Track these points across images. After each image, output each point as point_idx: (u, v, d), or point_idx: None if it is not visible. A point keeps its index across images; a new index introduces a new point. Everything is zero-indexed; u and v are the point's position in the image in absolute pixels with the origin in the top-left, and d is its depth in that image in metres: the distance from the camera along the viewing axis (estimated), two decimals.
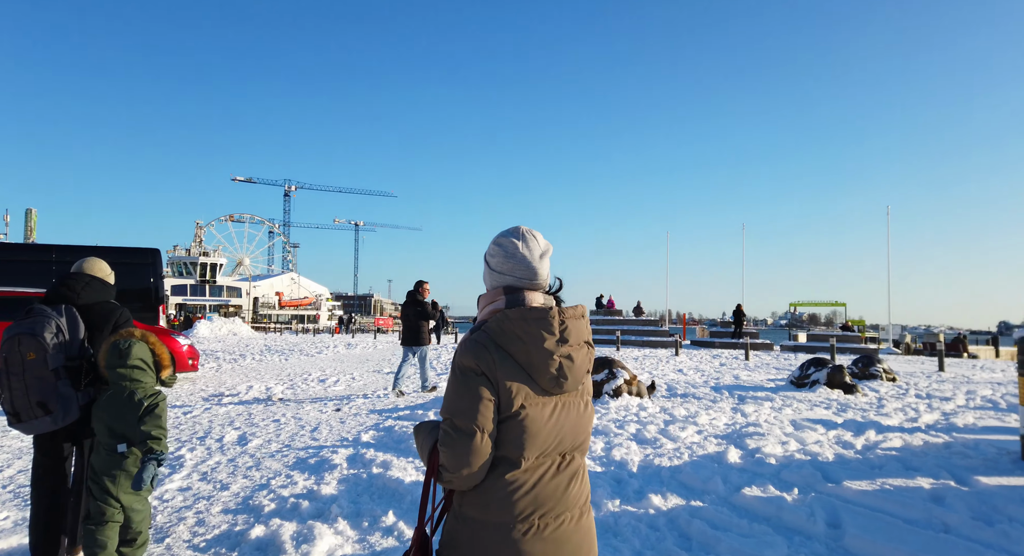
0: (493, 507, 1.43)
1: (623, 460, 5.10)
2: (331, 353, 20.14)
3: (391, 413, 7.83)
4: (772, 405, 8.10)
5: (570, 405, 1.51)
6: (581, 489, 1.53)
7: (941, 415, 7.59)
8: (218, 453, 5.66)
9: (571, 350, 1.47)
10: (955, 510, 3.73)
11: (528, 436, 1.42)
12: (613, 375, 8.11)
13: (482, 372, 1.42)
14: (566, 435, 1.49)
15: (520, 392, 1.43)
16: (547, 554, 1.43)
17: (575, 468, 1.52)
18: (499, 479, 1.43)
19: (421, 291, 9.90)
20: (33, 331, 2.84)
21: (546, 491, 1.45)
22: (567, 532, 1.46)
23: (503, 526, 1.42)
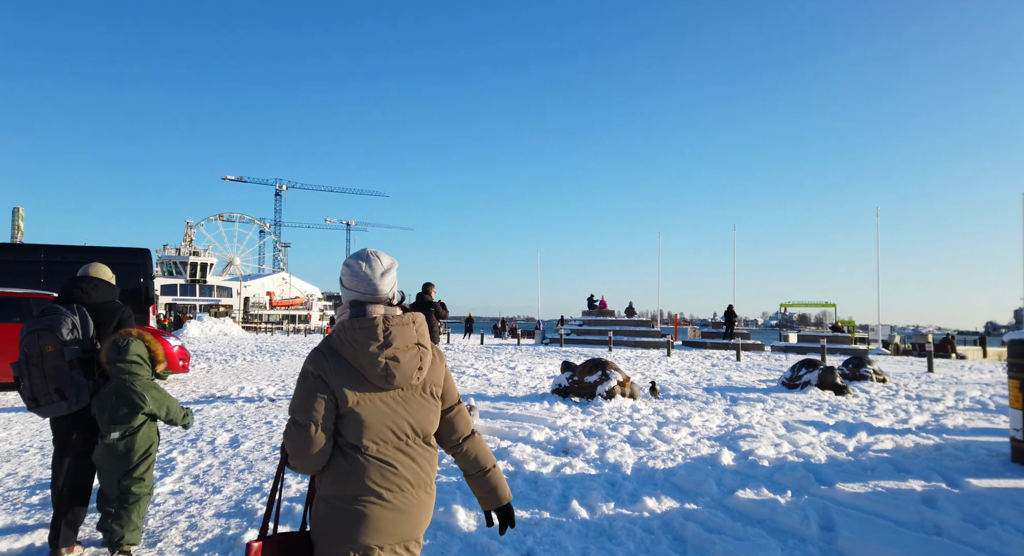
0: (341, 485, 1.71)
1: (617, 462, 5.11)
2: None
3: None
4: (764, 406, 8.14)
5: (408, 398, 1.80)
6: (425, 468, 1.80)
7: (931, 416, 7.66)
8: (210, 456, 5.62)
9: (396, 352, 1.75)
10: (946, 512, 3.76)
11: (364, 426, 1.72)
12: (606, 377, 8.13)
13: (318, 375, 1.72)
14: (403, 423, 1.78)
15: (354, 390, 1.72)
16: (390, 521, 1.71)
17: (415, 450, 1.80)
18: (345, 461, 1.72)
19: (429, 292, 10.16)
20: (51, 327, 3.27)
21: (389, 469, 1.73)
22: (407, 504, 1.74)
23: (350, 499, 1.70)
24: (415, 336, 1.80)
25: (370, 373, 1.73)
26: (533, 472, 4.83)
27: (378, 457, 1.73)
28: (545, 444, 5.86)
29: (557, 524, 3.79)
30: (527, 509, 4.06)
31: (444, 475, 4.85)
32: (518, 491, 4.44)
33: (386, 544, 1.71)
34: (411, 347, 1.78)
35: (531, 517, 3.90)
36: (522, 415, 7.05)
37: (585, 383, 8.21)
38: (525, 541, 3.53)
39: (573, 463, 5.12)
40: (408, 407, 1.79)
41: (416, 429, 1.80)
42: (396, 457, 1.76)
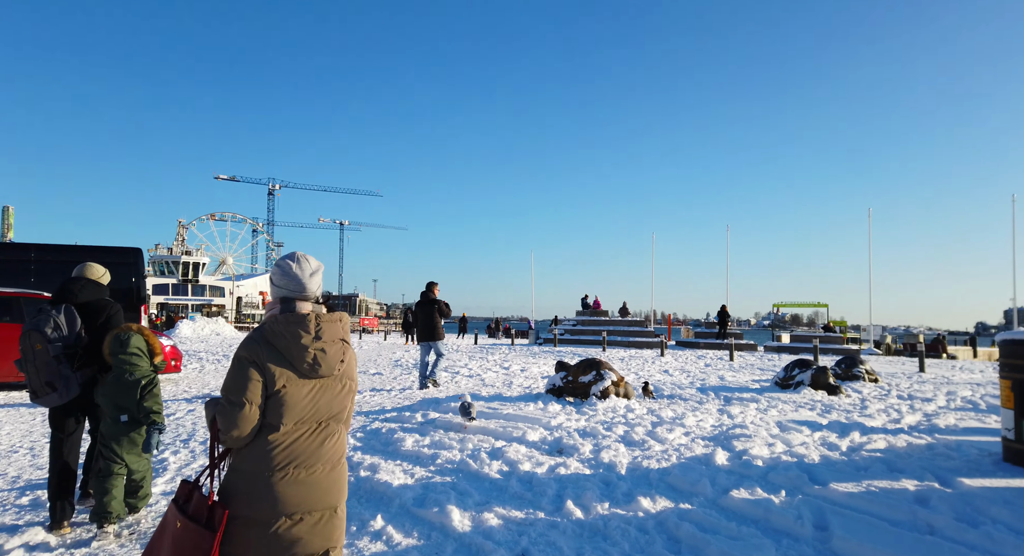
0: (258, 460, 1.90)
1: (612, 462, 5.11)
2: None
3: (378, 415, 7.78)
4: (757, 406, 8.16)
5: (328, 386, 2.03)
6: (335, 448, 2.05)
7: (923, 416, 7.69)
8: (202, 456, 5.59)
9: (325, 345, 1.99)
10: (939, 512, 3.77)
11: (286, 408, 1.92)
12: (601, 377, 8.12)
13: (253, 360, 1.92)
14: (321, 408, 2.02)
15: (282, 376, 1.93)
16: (299, 495, 1.92)
17: (330, 432, 2.04)
18: (264, 439, 1.92)
19: (433, 291, 10.82)
20: (38, 327, 3.63)
21: (300, 448, 1.95)
22: (317, 479, 1.97)
23: (264, 473, 1.89)
24: (340, 332, 2.06)
25: (298, 362, 1.96)
26: (528, 472, 4.82)
27: (294, 436, 1.96)
28: (539, 444, 5.86)
29: (552, 524, 3.78)
30: (522, 509, 4.05)
31: (439, 475, 4.85)
32: (513, 491, 4.44)
33: (296, 513, 1.91)
34: (336, 342, 2.03)
35: (526, 517, 3.90)
36: (516, 415, 7.04)
37: (579, 383, 8.21)
38: (520, 541, 3.52)
39: (568, 463, 5.11)
40: (326, 394, 2.03)
41: (332, 414, 2.06)
42: (311, 437, 1.99)
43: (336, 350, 2.02)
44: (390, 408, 8.33)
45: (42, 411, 7.79)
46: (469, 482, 4.66)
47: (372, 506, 4.14)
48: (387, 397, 9.51)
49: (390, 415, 7.66)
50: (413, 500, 4.20)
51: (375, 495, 4.38)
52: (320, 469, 1.98)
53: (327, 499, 1.99)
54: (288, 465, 1.92)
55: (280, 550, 1.88)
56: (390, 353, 20.31)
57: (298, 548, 1.90)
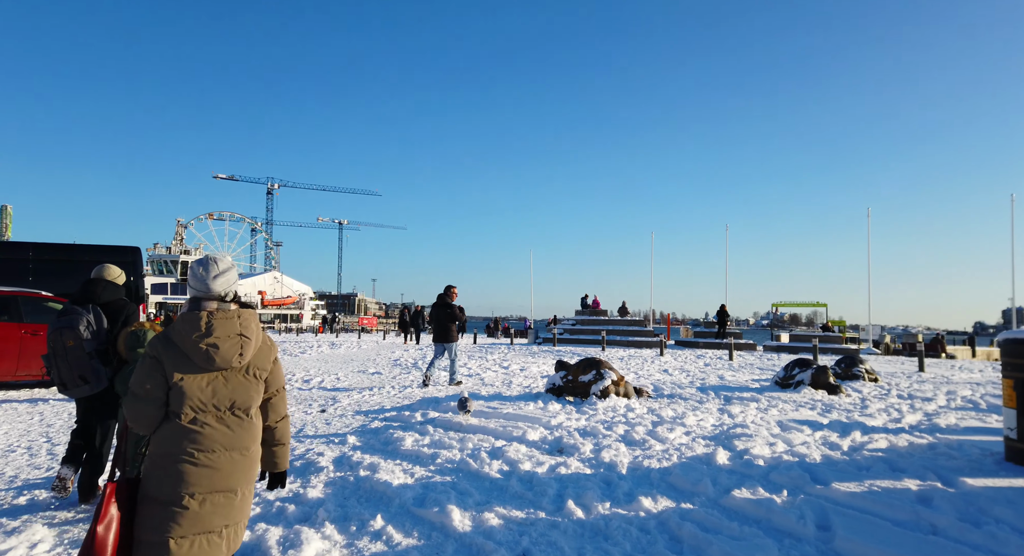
0: (164, 445, 2.14)
1: (612, 462, 5.08)
2: (315, 353, 19.95)
3: (377, 414, 7.75)
4: (758, 406, 8.15)
5: (231, 377, 2.24)
6: (240, 434, 2.23)
7: (924, 416, 7.68)
8: None
9: (217, 340, 2.18)
10: (942, 512, 3.75)
11: (185, 398, 2.14)
12: (600, 376, 8.10)
13: (154, 357, 2.17)
14: (223, 398, 2.21)
15: (180, 369, 2.15)
16: (200, 477, 2.12)
17: (234, 420, 2.23)
18: (169, 425, 2.16)
19: (450, 294, 11.07)
20: (71, 325, 4.00)
21: (203, 434, 2.15)
22: (218, 462, 2.15)
23: (169, 457, 2.12)
24: (238, 328, 2.23)
25: (194, 356, 2.16)
26: (528, 472, 4.80)
27: (194, 423, 2.16)
28: (540, 444, 5.84)
29: (553, 524, 3.76)
30: (522, 509, 4.03)
31: (439, 475, 4.82)
32: (513, 491, 4.42)
33: (197, 493, 2.11)
34: (232, 337, 2.21)
35: (526, 517, 3.87)
36: (516, 414, 7.02)
37: (579, 382, 8.19)
38: (521, 541, 3.50)
39: (568, 463, 5.09)
40: (229, 385, 2.23)
41: (235, 403, 2.23)
42: (212, 424, 2.18)
43: (231, 344, 2.21)
44: (389, 407, 8.30)
45: (40, 410, 7.77)
46: (469, 482, 4.64)
47: (372, 506, 4.11)
48: (386, 397, 9.48)
49: (389, 414, 7.64)
50: (413, 500, 4.17)
51: (375, 495, 4.35)
52: (222, 454, 2.18)
53: (229, 481, 2.18)
54: (191, 449, 2.13)
55: (181, 527, 2.09)
56: (389, 352, 20.29)
57: (199, 525, 2.12)
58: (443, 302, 11.00)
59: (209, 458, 2.14)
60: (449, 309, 10.89)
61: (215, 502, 2.14)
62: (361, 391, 10.12)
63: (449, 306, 10.94)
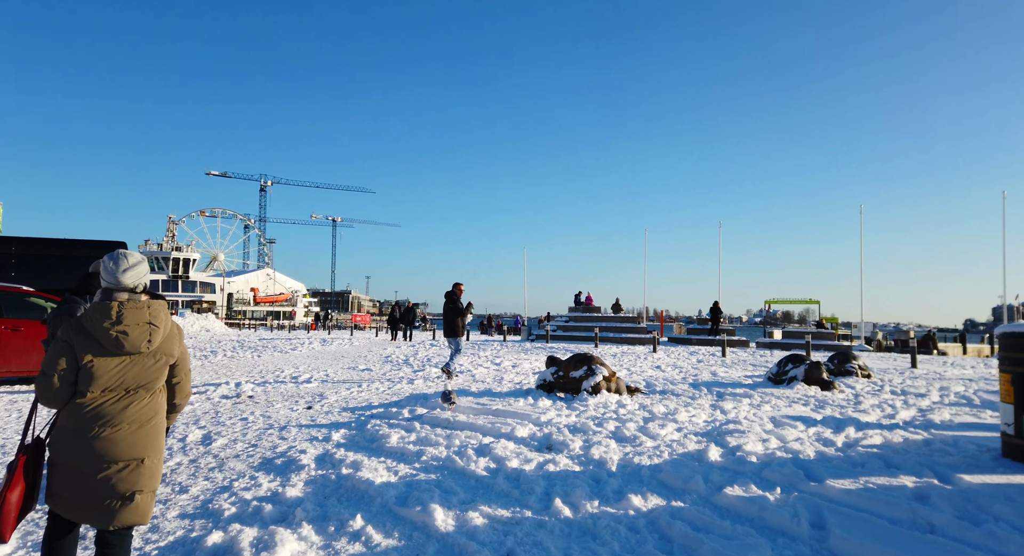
0: (72, 419, 2.37)
1: (602, 459, 4.96)
2: (306, 350, 19.76)
3: (364, 411, 7.61)
4: (751, 402, 8.04)
5: (138, 361, 2.46)
6: (142, 411, 2.47)
7: (918, 411, 7.60)
8: (180, 454, 5.40)
9: (126, 328, 2.40)
10: (940, 510, 3.64)
11: (93, 378, 2.37)
12: (592, 372, 7.98)
13: (65, 340, 2.37)
14: (129, 379, 2.44)
15: (89, 352, 2.36)
16: (104, 448, 2.36)
17: (137, 398, 2.46)
18: (76, 402, 2.38)
19: (457, 291, 11.42)
20: (70, 312, 4.21)
21: (106, 410, 2.39)
22: (122, 436, 2.40)
23: (76, 430, 2.36)
24: (147, 317, 2.47)
25: (104, 342, 2.38)
26: (515, 469, 4.66)
27: (101, 401, 2.39)
28: (528, 440, 5.71)
29: (539, 523, 3.63)
30: (508, 508, 3.90)
31: (423, 473, 4.69)
32: (499, 489, 4.29)
33: (102, 462, 2.35)
34: (141, 325, 2.44)
35: (512, 516, 3.74)
36: (505, 411, 6.89)
37: (570, 378, 8.07)
38: (505, 541, 3.37)
39: (557, 460, 4.96)
40: (136, 367, 2.46)
41: (141, 384, 2.48)
42: (117, 402, 2.42)
43: (140, 332, 2.44)
44: (377, 404, 8.16)
45: (18, 408, 7.58)
46: (455, 480, 4.51)
47: (352, 505, 3.97)
48: (375, 393, 9.33)
49: (376, 411, 7.49)
50: (395, 499, 4.04)
51: (356, 494, 4.21)
52: (125, 428, 2.41)
53: (132, 452, 2.42)
54: (95, 423, 2.36)
55: (89, 491, 2.34)
56: (380, 349, 20.13)
57: (104, 491, 2.35)
58: (451, 299, 11.36)
59: (113, 431, 2.39)
60: (457, 305, 11.26)
61: (120, 470, 2.39)
62: (350, 388, 9.97)
63: (458, 303, 11.30)
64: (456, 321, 11.20)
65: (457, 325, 11.22)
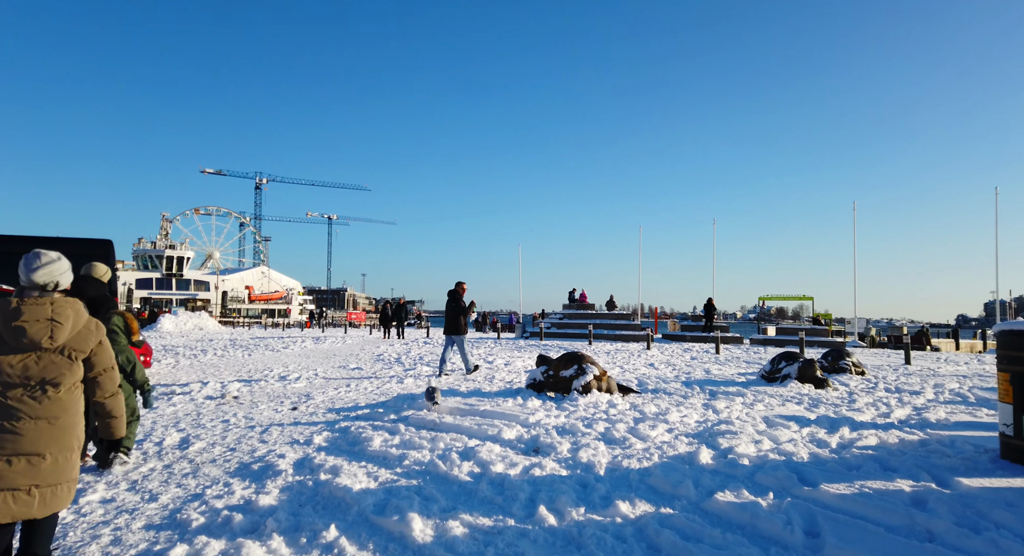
0: None
1: (590, 462, 4.81)
2: (297, 348, 19.56)
3: (350, 412, 7.44)
4: (743, 401, 7.90)
5: (44, 357, 2.51)
6: (47, 406, 2.49)
7: (913, 410, 7.47)
8: (154, 458, 5.23)
9: (24, 324, 2.47)
10: (939, 516, 3.50)
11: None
12: (583, 371, 7.83)
13: None
14: (33, 374, 2.48)
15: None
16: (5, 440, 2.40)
17: (42, 394, 2.49)
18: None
19: (460, 290, 11.70)
20: None
21: (8, 404, 2.42)
22: (24, 429, 2.43)
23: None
24: (48, 313, 2.53)
25: (6, 337, 2.46)
26: (500, 474, 4.51)
27: (8, 394, 2.44)
28: (515, 443, 5.55)
29: (522, 532, 3.48)
30: (490, 516, 3.74)
31: (405, 478, 4.53)
32: (482, 495, 4.13)
33: (4, 454, 2.39)
34: (41, 321, 2.50)
35: (494, 525, 3.58)
36: (493, 412, 6.73)
37: (561, 378, 7.91)
38: (485, 553, 3.21)
39: (543, 463, 4.81)
40: (40, 363, 2.50)
41: (45, 379, 2.50)
42: (19, 397, 2.45)
43: (39, 328, 2.50)
44: (364, 405, 7.99)
45: None
46: (436, 485, 4.35)
47: (327, 514, 3.80)
48: (363, 393, 9.17)
49: (362, 412, 7.33)
50: (373, 506, 3.88)
51: (332, 502, 4.04)
52: (27, 423, 2.44)
53: (35, 447, 2.45)
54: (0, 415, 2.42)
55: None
56: (373, 347, 19.95)
57: (3, 482, 2.38)
58: (454, 297, 11.61)
59: (14, 425, 2.42)
60: (460, 304, 11.50)
61: (19, 464, 2.41)
62: (338, 387, 9.80)
63: (458, 300, 11.53)
64: (459, 319, 11.42)
65: (460, 323, 11.43)
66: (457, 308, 11.47)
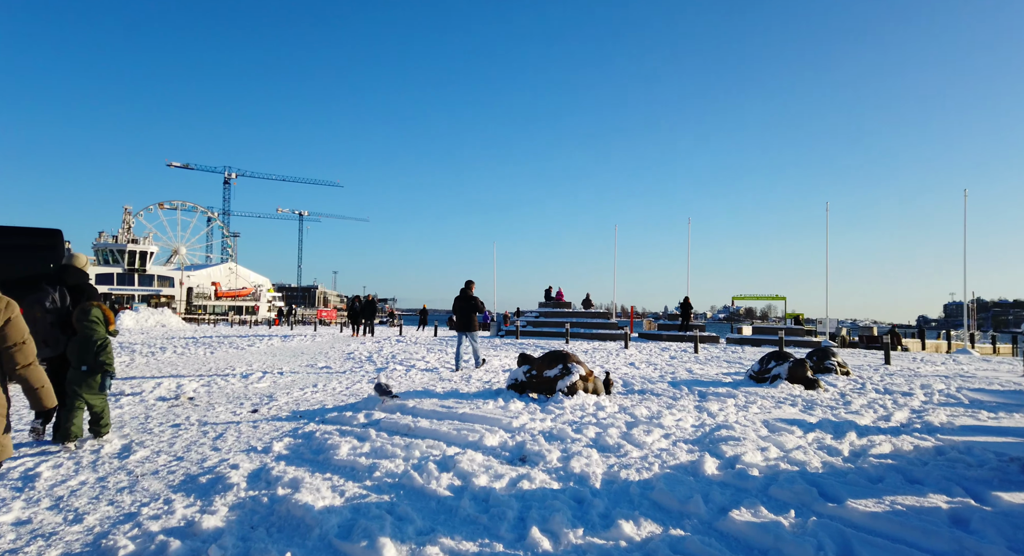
0: None
1: (584, 473, 4.31)
2: (264, 346, 18.72)
3: (316, 415, 6.84)
4: (736, 402, 7.50)
5: None
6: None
7: (911, 412, 7.15)
8: (88, 469, 4.58)
9: None
10: (987, 539, 3.08)
11: None
12: (568, 370, 7.34)
13: None
14: None
15: None
16: None
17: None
18: None
19: (470, 288, 12.31)
20: (40, 300, 5.08)
21: None
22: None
23: None
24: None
25: None
26: (484, 488, 3.98)
27: None
28: (499, 450, 5.03)
29: None
30: (475, 539, 3.22)
31: (375, 493, 3.97)
32: (465, 514, 3.60)
33: None
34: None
35: (479, 551, 3.07)
36: (473, 415, 6.20)
37: (544, 378, 7.41)
38: None
39: (532, 475, 4.29)
40: None
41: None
42: None
43: None
44: (331, 406, 7.39)
45: None
46: (411, 502, 3.80)
47: (283, 538, 3.24)
48: (330, 394, 8.55)
49: (330, 415, 6.72)
50: (338, 528, 3.33)
51: (290, 522, 3.47)
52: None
53: None
54: None
55: None
56: (343, 345, 19.21)
57: None
58: (466, 296, 12.19)
59: None
60: (473, 301, 12.13)
61: None
62: (304, 388, 9.16)
63: (473, 299, 12.17)
64: (472, 317, 12.13)
65: (472, 320, 12.15)
66: (469, 306, 12.07)
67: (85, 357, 5.16)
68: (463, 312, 12.15)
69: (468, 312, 12.11)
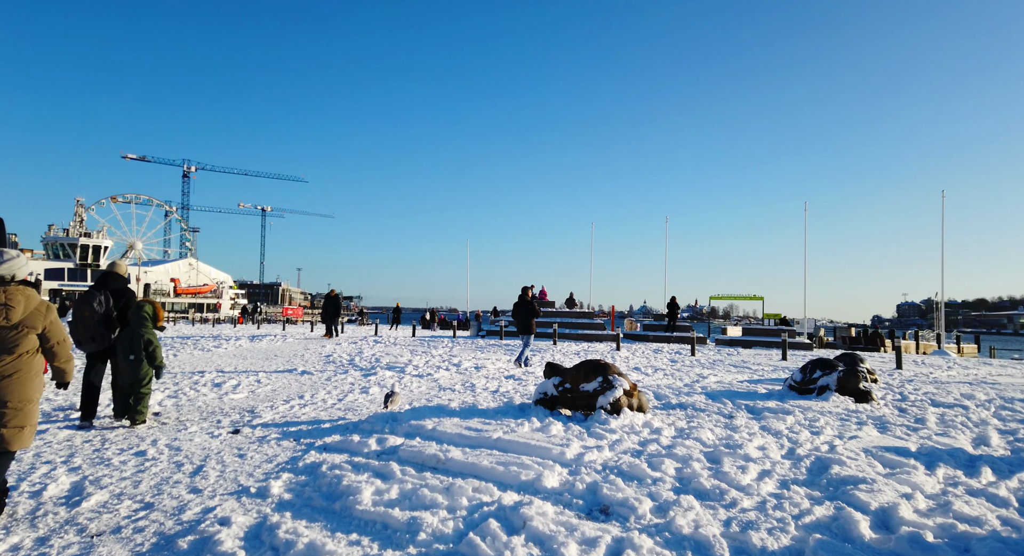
0: None
1: (699, 539, 3.21)
2: (232, 347, 17.21)
3: (314, 437, 5.65)
4: (798, 421, 6.49)
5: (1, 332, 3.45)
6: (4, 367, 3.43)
7: (1000, 435, 6.21)
8: (23, 525, 3.37)
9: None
10: None
11: None
12: (609, 384, 6.27)
13: None
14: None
15: None
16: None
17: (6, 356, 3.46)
18: None
19: (527, 293, 13.20)
20: (88, 301, 6.09)
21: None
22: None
23: None
24: (2, 299, 3.44)
25: None
26: None
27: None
28: (566, 495, 3.93)
29: None
30: None
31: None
32: None
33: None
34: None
35: None
36: (512, 442, 5.09)
37: (581, 392, 6.34)
38: None
39: (631, 539, 3.20)
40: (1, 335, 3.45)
41: (4, 348, 3.43)
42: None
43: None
44: (329, 425, 6.20)
45: None
46: None
47: None
48: (322, 407, 7.35)
49: (331, 439, 5.53)
50: None
51: None
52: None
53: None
54: None
55: None
56: (318, 347, 17.83)
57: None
58: (524, 301, 13.14)
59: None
60: (531, 306, 13.07)
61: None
62: (289, 399, 7.92)
63: (530, 304, 13.09)
64: (530, 321, 13.06)
65: (531, 324, 13.06)
66: (530, 311, 13.04)
67: (132, 348, 6.03)
68: (522, 317, 13.11)
69: (526, 317, 13.07)
